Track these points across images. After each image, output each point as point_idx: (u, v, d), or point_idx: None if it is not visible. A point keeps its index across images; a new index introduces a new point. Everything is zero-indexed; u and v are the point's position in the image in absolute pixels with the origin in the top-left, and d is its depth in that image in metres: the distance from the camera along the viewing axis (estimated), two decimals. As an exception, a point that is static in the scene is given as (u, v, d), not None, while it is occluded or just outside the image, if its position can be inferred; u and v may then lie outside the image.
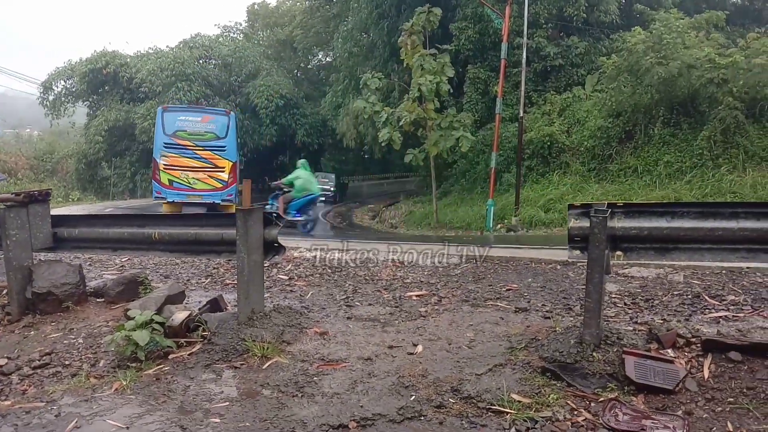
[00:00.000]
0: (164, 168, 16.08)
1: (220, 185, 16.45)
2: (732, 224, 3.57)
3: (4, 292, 5.75)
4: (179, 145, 16.16)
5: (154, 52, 38.84)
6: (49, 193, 5.81)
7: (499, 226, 17.35)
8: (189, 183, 16.16)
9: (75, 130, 42.08)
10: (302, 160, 15.58)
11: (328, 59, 42.11)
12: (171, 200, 16.07)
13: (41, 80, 38.35)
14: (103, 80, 37.85)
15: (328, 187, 30.65)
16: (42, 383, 3.98)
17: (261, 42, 46.76)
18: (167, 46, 41.15)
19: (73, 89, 38.32)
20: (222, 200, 16.43)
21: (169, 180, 16.09)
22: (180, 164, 16.10)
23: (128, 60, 37.71)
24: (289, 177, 14.93)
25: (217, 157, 16.33)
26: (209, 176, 16.33)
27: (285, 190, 14.84)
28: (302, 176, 14.72)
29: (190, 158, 16.16)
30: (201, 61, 38.58)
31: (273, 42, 45.99)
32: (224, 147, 16.57)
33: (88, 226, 5.88)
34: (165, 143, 16.27)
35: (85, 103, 39.68)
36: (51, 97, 38.10)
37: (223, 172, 16.45)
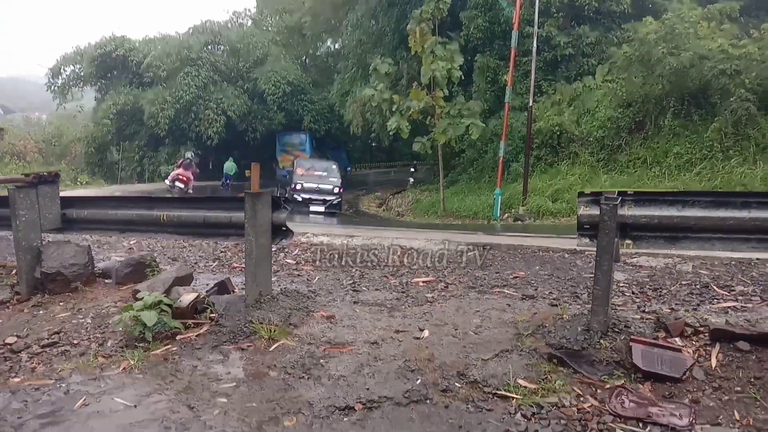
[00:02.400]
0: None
1: None
2: (744, 214, 3.54)
3: (14, 272, 5.80)
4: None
5: (162, 37, 38.79)
6: (58, 174, 5.83)
7: (506, 215, 17.31)
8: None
9: (83, 114, 42.09)
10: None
11: (336, 46, 41.88)
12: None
13: (50, 65, 38.43)
14: (111, 65, 37.83)
15: (329, 186, 21.68)
16: (51, 362, 4.01)
17: (270, 28, 46.52)
18: (176, 32, 41.02)
19: (82, 74, 38.31)
20: None
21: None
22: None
23: (137, 45, 37.66)
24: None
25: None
26: None
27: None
28: None
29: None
30: (209, 47, 38.46)
31: (282, 28, 45.72)
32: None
33: (96, 207, 5.91)
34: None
35: (94, 87, 39.67)
36: (60, 82, 38.13)
37: None
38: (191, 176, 18.95)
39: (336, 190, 21.76)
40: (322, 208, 20.66)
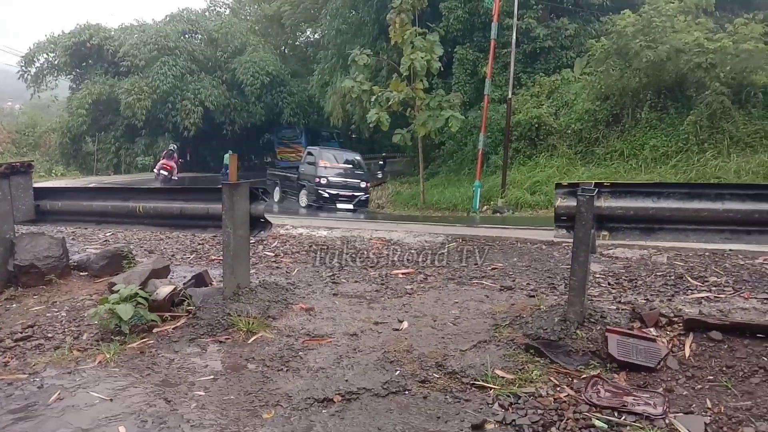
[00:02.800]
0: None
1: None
2: (717, 205, 3.60)
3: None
4: None
5: (138, 25, 38.15)
6: (31, 165, 5.72)
7: (485, 207, 17.39)
8: None
9: (57, 104, 41.30)
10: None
11: (316, 36, 41.55)
12: None
13: (22, 52, 37.63)
14: (86, 54, 37.12)
15: (357, 180, 19.55)
16: (24, 355, 3.95)
17: (248, 17, 46.04)
18: (153, 20, 40.39)
19: (56, 62, 37.56)
20: None
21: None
22: None
23: (112, 33, 37.01)
24: None
25: None
26: None
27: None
28: None
29: None
30: (186, 36, 37.94)
31: (260, 17, 45.25)
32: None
33: (71, 198, 5.81)
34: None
35: (68, 77, 38.94)
36: (33, 71, 37.35)
37: None
38: (174, 165, 21.35)
39: (363, 185, 19.54)
40: (350, 206, 18.50)
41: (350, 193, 18.81)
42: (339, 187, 18.73)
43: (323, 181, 18.55)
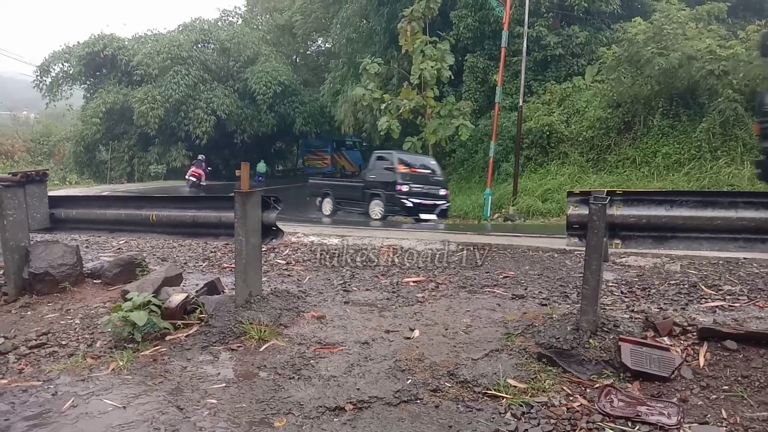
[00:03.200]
0: None
1: None
2: (731, 213, 3.57)
3: (1, 272, 5.74)
4: None
5: (152, 35, 38.58)
6: (46, 173, 5.79)
7: (496, 215, 17.37)
8: None
9: (72, 112, 41.79)
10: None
11: (327, 45, 41.90)
12: None
13: (37, 63, 38.14)
14: (100, 63, 37.62)
15: (437, 187, 17.05)
16: (39, 363, 3.98)
17: (260, 27, 46.43)
18: (166, 30, 40.84)
19: (70, 72, 38.05)
20: None
21: None
22: None
23: (126, 43, 37.47)
24: None
25: None
26: None
27: None
28: None
29: None
30: (199, 46, 38.32)
31: (272, 27, 45.67)
32: None
33: (85, 207, 5.87)
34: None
35: (83, 86, 39.43)
36: (48, 80, 37.84)
37: None
38: (202, 172, 23.67)
39: (443, 192, 17.12)
40: (434, 216, 16.42)
41: (432, 202, 16.55)
42: (421, 195, 16.32)
43: (405, 188, 15.98)
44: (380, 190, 16.48)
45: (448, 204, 17.25)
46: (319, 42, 45.19)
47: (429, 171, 17.30)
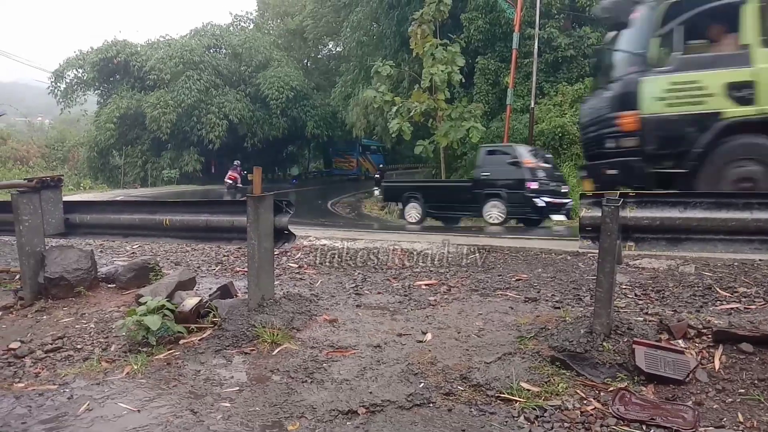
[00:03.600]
0: None
1: None
2: (746, 215, 3.54)
3: (18, 276, 5.81)
4: None
5: (164, 40, 38.92)
6: (61, 179, 5.85)
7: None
8: None
9: (86, 118, 42.25)
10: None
11: (338, 49, 42.04)
12: None
13: (52, 69, 38.60)
14: (113, 69, 38.00)
15: (559, 183, 14.86)
16: (54, 366, 4.02)
17: (271, 31, 46.72)
18: (178, 34, 41.22)
19: (84, 78, 38.47)
20: None
21: None
22: None
23: (139, 49, 37.82)
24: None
25: None
26: None
27: None
28: None
29: None
30: (211, 51, 38.59)
31: (283, 32, 45.92)
32: None
33: (99, 212, 5.92)
34: None
35: (96, 92, 39.84)
36: (62, 86, 38.28)
37: None
38: (237, 175, 25.88)
39: (565, 188, 15.02)
40: (563, 217, 14.39)
41: (560, 200, 14.34)
42: (550, 193, 14.08)
43: (535, 185, 13.73)
44: (500, 189, 14.27)
45: (571, 202, 14.70)
46: (330, 46, 45.36)
47: (551, 166, 15.18)
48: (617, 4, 8.56)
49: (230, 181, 26.76)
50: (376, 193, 23.69)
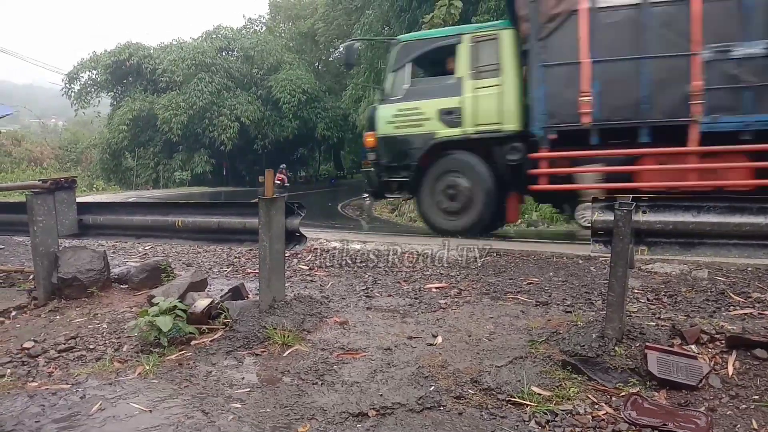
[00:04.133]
0: None
1: None
2: (760, 220, 3.51)
3: (31, 277, 5.87)
4: None
5: (177, 43, 39.21)
6: (74, 180, 5.91)
7: (519, 221, 17.21)
8: None
9: (99, 120, 42.64)
10: None
11: (349, 52, 42.12)
12: None
13: (66, 71, 38.98)
14: (126, 71, 38.32)
15: None
16: (67, 366, 4.05)
17: (283, 34, 46.92)
18: (191, 38, 41.46)
19: (98, 80, 38.82)
20: None
21: None
22: None
23: (151, 51, 38.12)
24: None
25: None
26: None
27: None
28: None
29: None
30: (223, 53, 38.82)
31: (295, 34, 46.11)
32: None
33: (112, 213, 5.98)
34: None
35: (110, 94, 40.19)
36: (76, 88, 38.64)
37: None
38: (284, 177, 27.05)
39: None
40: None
41: None
42: None
43: None
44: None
45: None
46: (341, 49, 45.48)
47: None
48: (347, 49, 11.00)
49: (277, 182, 27.85)
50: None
